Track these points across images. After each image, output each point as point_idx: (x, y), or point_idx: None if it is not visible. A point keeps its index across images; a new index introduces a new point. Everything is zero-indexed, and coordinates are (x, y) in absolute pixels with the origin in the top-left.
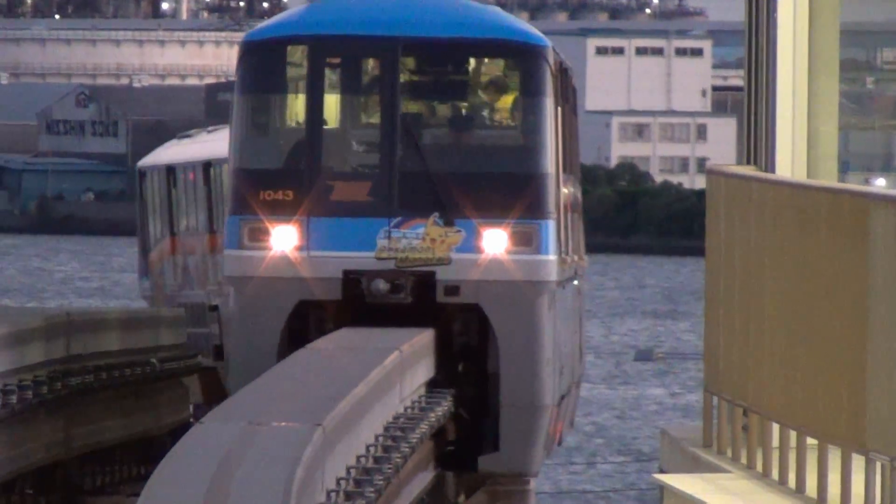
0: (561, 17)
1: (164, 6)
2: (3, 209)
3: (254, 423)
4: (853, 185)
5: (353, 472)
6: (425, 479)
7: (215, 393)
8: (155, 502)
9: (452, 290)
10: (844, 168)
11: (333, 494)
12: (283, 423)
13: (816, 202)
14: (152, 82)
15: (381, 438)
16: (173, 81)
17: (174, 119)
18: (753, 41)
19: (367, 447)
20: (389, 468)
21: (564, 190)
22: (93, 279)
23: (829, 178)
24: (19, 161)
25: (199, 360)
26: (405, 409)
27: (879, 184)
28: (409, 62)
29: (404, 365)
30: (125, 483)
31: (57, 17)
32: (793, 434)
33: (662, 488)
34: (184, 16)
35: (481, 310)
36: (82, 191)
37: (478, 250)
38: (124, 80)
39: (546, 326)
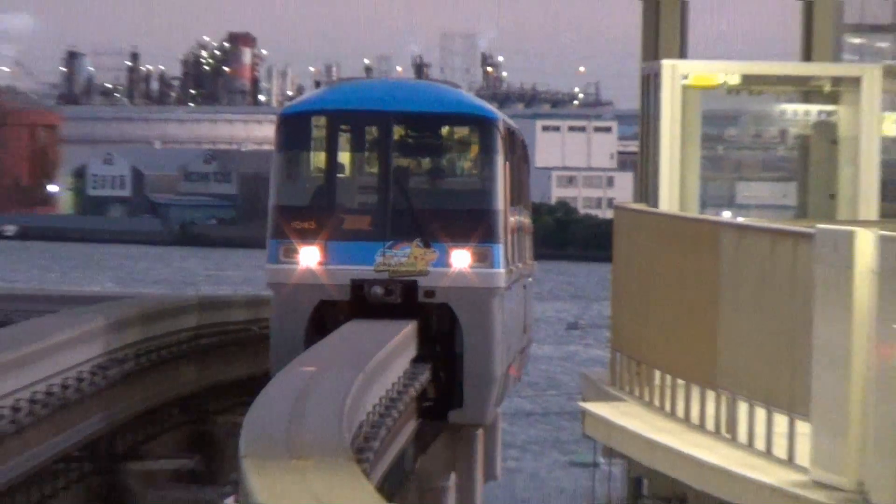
0: (519, 106)
1: (261, 98)
2: (158, 230)
3: (318, 369)
4: (709, 216)
5: (376, 408)
6: (412, 425)
7: None
8: (256, 417)
9: (430, 293)
10: (703, 205)
11: (365, 421)
12: (336, 371)
13: (685, 227)
14: (252, 147)
15: (389, 392)
16: (267, 147)
17: (267, 171)
18: (645, 122)
19: (380, 398)
20: (395, 413)
21: (513, 219)
22: (213, 276)
23: (693, 212)
24: (167, 198)
25: None
26: (398, 377)
27: (725, 215)
28: (399, 129)
29: (400, 345)
30: (238, 406)
31: (191, 104)
32: (668, 377)
33: (584, 412)
34: (273, 104)
35: (450, 308)
36: (207, 218)
37: (448, 265)
38: (235, 146)
39: (496, 319)
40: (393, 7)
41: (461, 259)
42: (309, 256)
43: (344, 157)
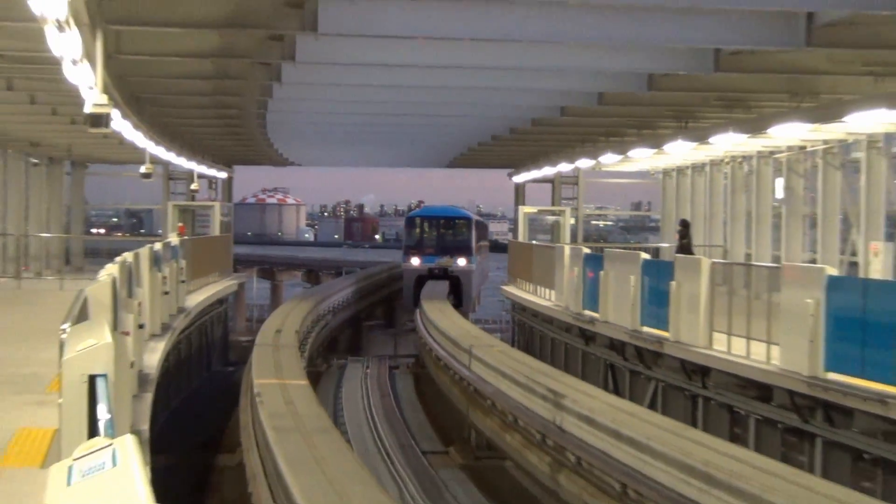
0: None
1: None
2: None
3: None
4: (528, 242)
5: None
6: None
7: None
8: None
9: (451, 272)
10: (531, 238)
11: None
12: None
13: (524, 245)
14: None
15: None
16: None
17: None
18: (515, 219)
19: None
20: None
21: (479, 246)
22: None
23: (525, 240)
24: None
25: None
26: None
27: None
28: (440, 223)
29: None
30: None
31: None
32: (521, 281)
33: (503, 290)
34: None
35: (458, 276)
36: None
37: (457, 263)
38: None
39: (472, 280)
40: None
41: (460, 261)
42: (415, 260)
43: (426, 229)
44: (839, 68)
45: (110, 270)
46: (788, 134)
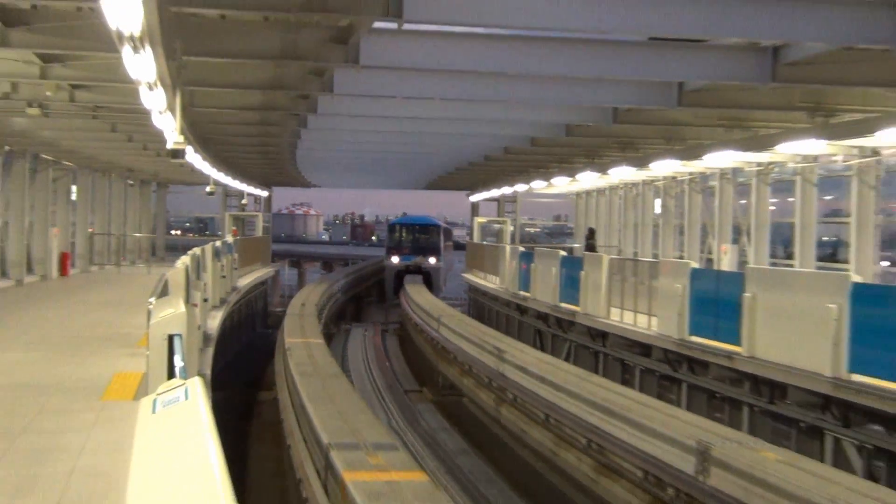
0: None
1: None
2: None
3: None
4: (482, 242)
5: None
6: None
7: None
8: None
9: (424, 269)
10: (483, 239)
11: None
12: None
13: (478, 245)
14: None
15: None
16: None
17: None
18: (472, 224)
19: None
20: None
21: (447, 244)
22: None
23: (479, 241)
24: None
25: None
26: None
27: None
28: (416, 229)
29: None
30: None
31: None
32: (477, 270)
33: (464, 276)
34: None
35: (429, 272)
36: None
37: (428, 262)
38: None
39: (440, 274)
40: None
41: (431, 260)
42: (395, 258)
43: (404, 234)
44: (700, 122)
45: (184, 260)
46: (664, 168)
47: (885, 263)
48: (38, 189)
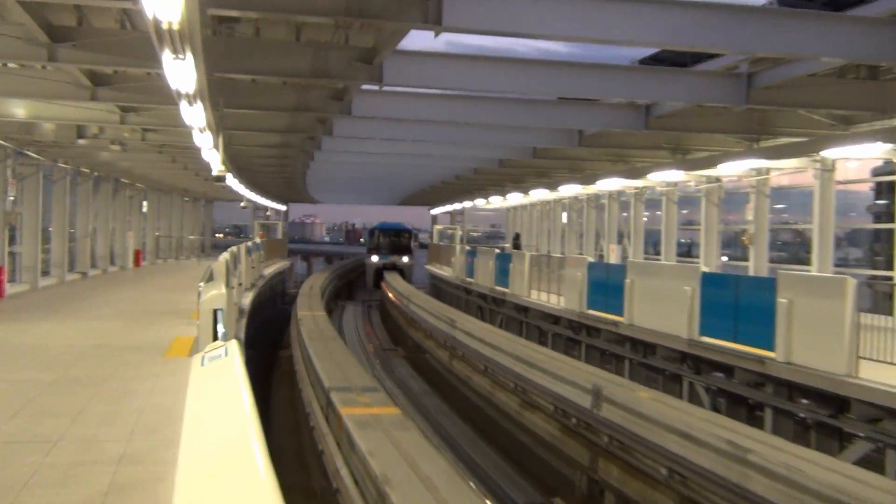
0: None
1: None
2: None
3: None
4: (444, 244)
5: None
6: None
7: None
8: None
9: (399, 266)
10: (440, 240)
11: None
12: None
13: (440, 246)
14: None
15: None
16: None
17: None
18: (432, 230)
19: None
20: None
21: (414, 245)
22: None
23: (436, 242)
24: None
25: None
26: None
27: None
28: (391, 233)
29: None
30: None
31: None
32: (437, 264)
33: (427, 268)
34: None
35: (402, 269)
36: None
37: (402, 259)
38: None
39: (412, 269)
40: None
41: (403, 257)
42: (375, 257)
43: (380, 239)
44: (595, 157)
45: (225, 255)
46: (569, 190)
47: (724, 258)
48: (119, 204)
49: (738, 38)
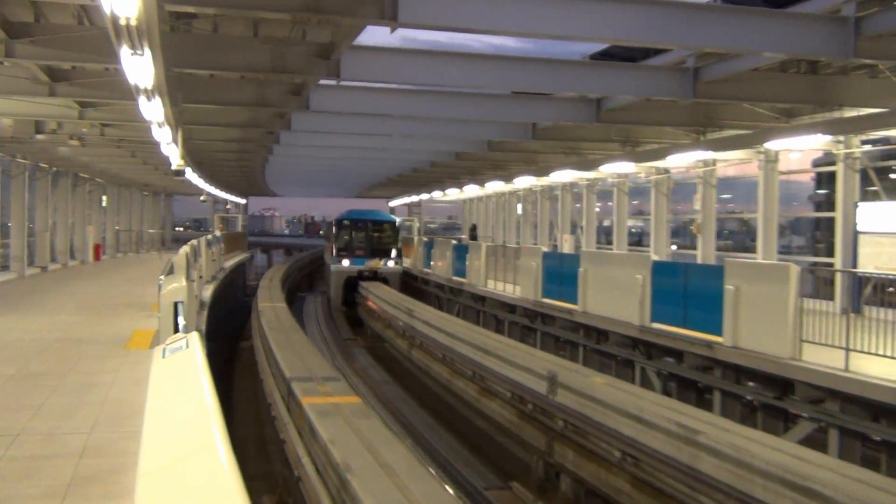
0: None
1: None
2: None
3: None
4: (426, 237)
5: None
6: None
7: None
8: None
9: (380, 274)
10: (424, 234)
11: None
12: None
13: (408, 240)
14: None
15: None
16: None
17: None
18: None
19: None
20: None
21: (399, 247)
22: None
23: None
24: None
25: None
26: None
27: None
28: (369, 226)
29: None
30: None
31: None
32: (422, 265)
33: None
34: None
35: (385, 278)
36: None
37: (385, 264)
38: None
39: (397, 276)
40: None
41: (387, 262)
42: (344, 261)
43: (355, 232)
44: (549, 150)
45: (185, 248)
46: (524, 182)
47: (674, 247)
48: (78, 198)
49: (686, 34)
